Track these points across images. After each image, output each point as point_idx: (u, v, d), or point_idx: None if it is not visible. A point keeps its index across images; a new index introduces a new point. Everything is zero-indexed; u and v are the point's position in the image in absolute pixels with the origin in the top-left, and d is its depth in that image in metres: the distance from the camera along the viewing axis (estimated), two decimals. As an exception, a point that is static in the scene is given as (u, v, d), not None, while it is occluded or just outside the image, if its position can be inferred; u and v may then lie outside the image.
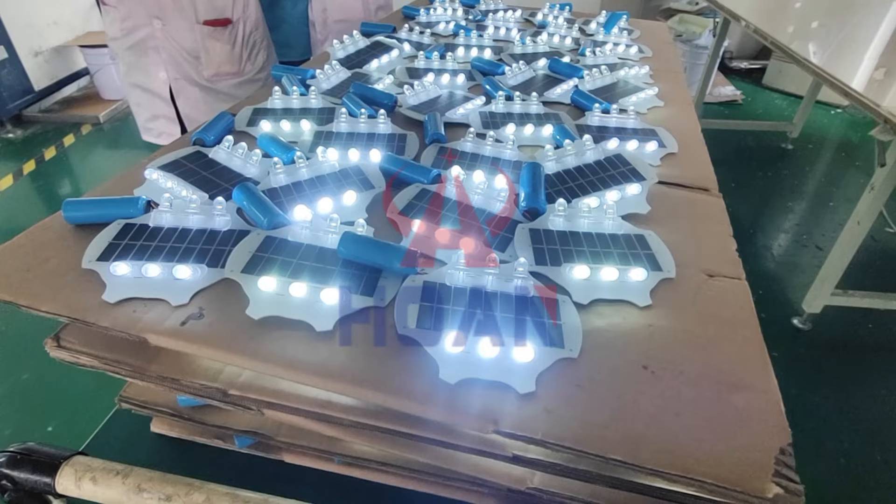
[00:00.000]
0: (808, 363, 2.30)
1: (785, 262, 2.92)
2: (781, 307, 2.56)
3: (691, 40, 4.04)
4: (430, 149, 0.98)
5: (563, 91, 1.23)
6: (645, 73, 1.35)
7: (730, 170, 3.60)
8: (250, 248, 0.71)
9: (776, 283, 2.75)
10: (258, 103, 1.11)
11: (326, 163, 0.89)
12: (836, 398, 2.12)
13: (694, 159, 1.02)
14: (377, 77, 1.25)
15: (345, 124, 1.02)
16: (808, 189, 3.47)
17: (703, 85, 3.73)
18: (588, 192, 0.87)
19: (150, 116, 1.68)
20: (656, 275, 0.72)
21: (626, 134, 1.05)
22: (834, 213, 3.32)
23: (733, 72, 4.79)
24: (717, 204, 0.90)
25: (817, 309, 2.43)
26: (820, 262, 2.40)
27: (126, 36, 1.51)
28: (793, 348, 2.36)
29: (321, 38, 1.85)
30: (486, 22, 1.68)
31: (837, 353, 2.36)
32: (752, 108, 4.35)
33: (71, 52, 4.20)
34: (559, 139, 1.01)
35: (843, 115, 4.28)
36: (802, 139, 3.89)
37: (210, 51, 1.55)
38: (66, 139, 3.89)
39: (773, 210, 3.29)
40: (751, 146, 3.86)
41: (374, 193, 0.85)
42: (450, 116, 1.09)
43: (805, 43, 2.55)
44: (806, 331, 2.47)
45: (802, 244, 3.08)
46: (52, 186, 3.42)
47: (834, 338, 2.44)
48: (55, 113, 4.09)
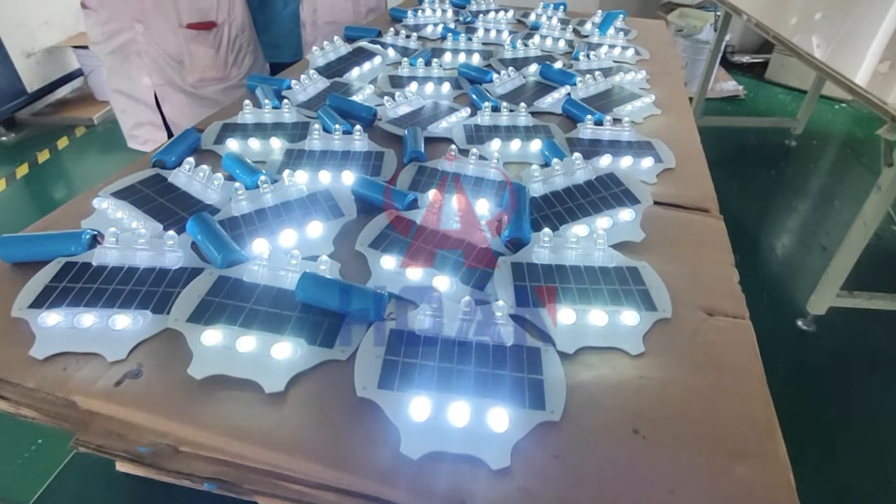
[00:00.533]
0: (812, 367, 2.22)
1: (789, 263, 2.83)
2: (785, 309, 2.48)
3: (692, 35, 3.94)
4: (409, 168, 0.90)
5: (555, 100, 1.15)
6: (641, 78, 1.27)
7: (732, 168, 3.50)
8: (200, 292, 0.64)
9: (780, 284, 2.67)
10: (228, 117, 1.03)
11: (294, 187, 0.81)
12: (842, 403, 2.04)
13: (693, 175, 0.94)
14: (358, 87, 1.17)
15: (318, 141, 0.94)
16: (812, 187, 3.38)
17: (704, 81, 3.63)
18: (577, 217, 0.79)
19: (135, 123, 1.61)
20: (650, 316, 0.64)
21: (620, 148, 0.97)
22: (839, 212, 3.23)
23: (735, 66, 4.67)
24: (718, 227, 0.82)
25: (822, 311, 2.35)
26: (824, 263, 2.31)
27: (108, 40, 1.43)
28: (797, 351, 2.28)
29: (311, 39, 1.79)
30: (477, 24, 1.60)
31: (843, 356, 2.27)
32: (754, 104, 4.24)
33: (64, 53, 4.12)
34: (548, 156, 0.93)
35: (847, 109, 4.17)
36: (806, 135, 3.79)
37: (194, 55, 1.47)
38: (59, 142, 3.82)
39: (776, 209, 3.20)
40: (753, 143, 3.76)
41: (344, 222, 0.78)
42: (432, 130, 1.02)
43: (808, 36, 2.46)
44: (810, 333, 2.39)
45: (807, 244, 3.00)
46: (46, 191, 3.35)
47: (839, 340, 2.36)
48: (48, 115, 4.02)
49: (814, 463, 1.78)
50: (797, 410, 1.94)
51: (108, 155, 3.86)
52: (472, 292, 0.67)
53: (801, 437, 1.81)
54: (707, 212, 0.85)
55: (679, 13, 4.11)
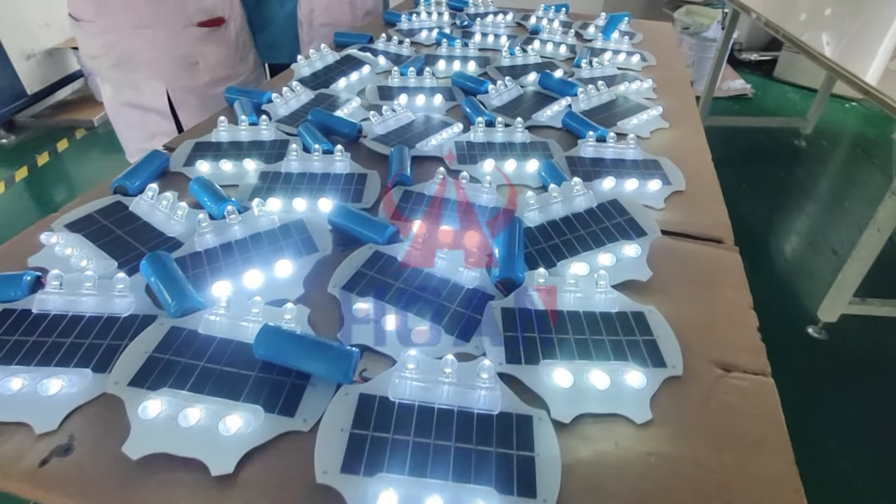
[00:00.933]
0: (824, 376, 2.12)
1: (798, 268, 2.73)
2: (795, 315, 2.38)
3: (699, 33, 3.83)
4: (393, 193, 0.81)
5: (554, 113, 1.06)
6: (648, 87, 1.17)
7: (740, 169, 3.40)
8: (147, 347, 0.56)
9: (789, 289, 2.57)
10: (201, 135, 0.95)
11: (265, 217, 0.73)
12: (855, 415, 1.94)
13: (705, 198, 0.85)
14: (345, 99, 1.08)
15: (296, 163, 0.86)
16: (822, 189, 3.27)
17: (711, 80, 3.52)
18: (577, 252, 0.70)
19: (147, 136, 1.51)
20: (658, 374, 0.56)
21: (624, 168, 0.89)
22: (850, 214, 3.13)
23: (743, 64, 4.55)
24: (733, 261, 0.73)
25: (833, 318, 2.26)
26: (835, 267, 2.21)
27: (109, 52, 1.33)
28: (808, 360, 2.18)
29: (308, 39, 1.72)
30: (474, 28, 1.51)
31: (856, 365, 2.18)
32: (762, 103, 4.12)
33: (64, 55, 4.06)
34: (545, 178, 0.84)
35: (858, 108, 4.05)
36: (816, 135, 3.68)
37: (207, 54, 1.39)
38: (59, 144, 3.76)
39: (786, 211, 3.10)
40: (762, 144, 3.65)
41: (318, 259, 0.69)
42: (421, 149, 0.93)
43: (817, 33, 2.38)
44: (821, 340, 2.29)
45: (817, 248, 2.90)
46: (46, 194, 3.29)
47: (852, 348, 2.26)
48: (48, 117, 3.95)
49: (823, 479, 1.69)
50: (809, 425, 1.84)
51: (108, 157, 3.80)
52: (455, 343, 0.59)
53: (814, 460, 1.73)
54: (721, 242, 0.76)
55: (686, 10, 4.00)
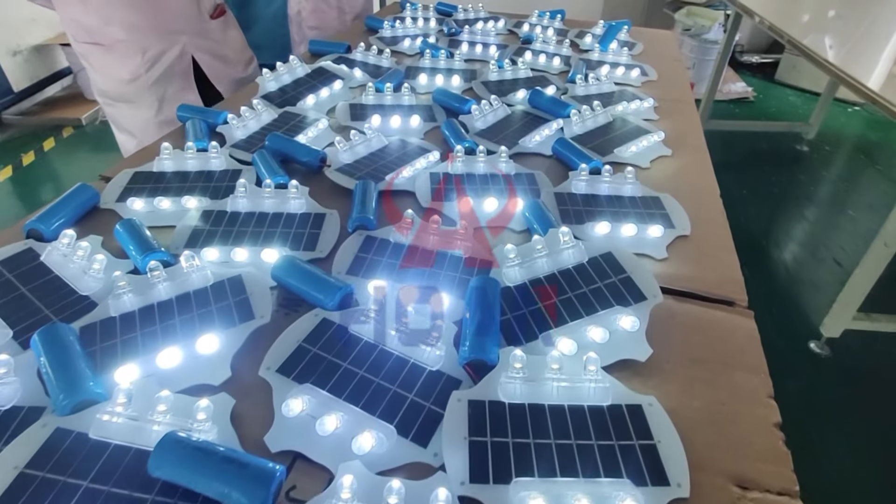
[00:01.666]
0: (826, 394, 2.00)
1: (800, 279, 2.61)
2: (797, 329, 2.26)
3: (700, 34, 3.69)
4: (353, 240, 0.69)
5: (544, 138, 0.94)
6: (648, 107, 1.05)
7: (741, 174, 3.27)
8: (17, 461, 0.44)
9: (790, 301, 2.45)
10: (142, 162, 0.83)
11: (196, 272, 0.61)
12: (858, 434, 1.83)
13: (713, 245, 0.73)
14: (312, 119, 0.96)
15: (244, 200, 0.73)
16: (824, 196, 3.15)
17: (713, 83, 3.38)
18: (564, 321, 0.58)
19: None
20: (660, 495, 0.44)
21: (621, 208, 0.76)
22: (853, 222, 3.00)
23: (744, 66, 4.41)
24: (747, 330, 0.61)
25: (836, 333, 2.15)
26: (838, 279, 2.09)
27: (152, 68, 1.21)
28: (810, 376, 2.07)
29: (298, 39, 1.63)
30: (462, 36, 1.38)
31: (859, 383, 2.06)
32: (764, 106, 3.99)
33: (52, 51, 3.92)
34: (530, 221, 0.72)
35: (860, 112, 3.92)
36: (818, 140, 3.55)
37: (231, 42, 1.33)
38: (45, 143, 3.63)
39: (787, 219, 2.98)
40: (764, 148, 3.52)
41: (254, 328, 0.57)
42: (390, 181, 0.81)
43: (820, 36, 2.28)
44: (824, 356, 2.18)
45: (819, 258, 2.78)
46: (31, 195, 3.17)
47: (855, 365, 2.14)
48: (35, 115, 3.82)
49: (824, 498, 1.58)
50: (809, 442, 1.73)
51: (97, 156, 3.67)
52: (408, 449, 0.47)
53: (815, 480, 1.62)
54: (732, 305, 0.64)
55: (686, 11, 3.86)
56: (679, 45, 3.63)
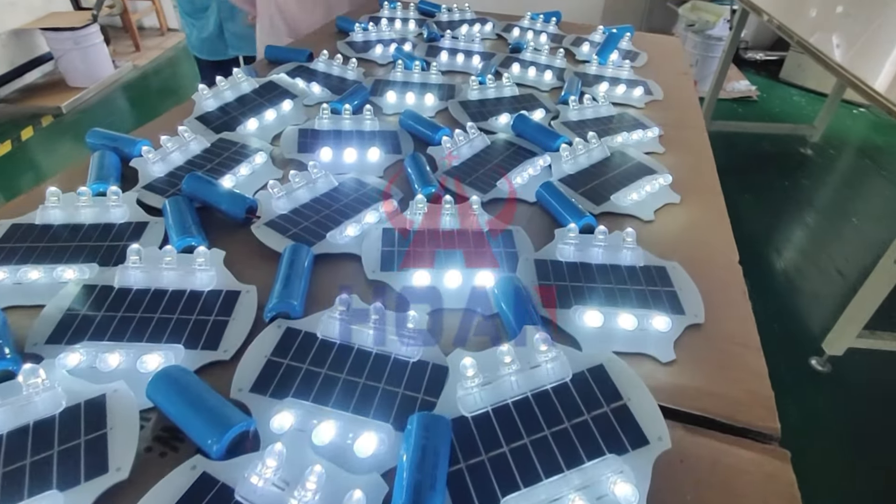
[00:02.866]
0: (827, 413, 1.86)
1: (801, 290, 2.45)
2: (797, 344, 2.11)
3: (704, 30, 3.48)
4: (268, 334, 0.52)
5: (527, 179, 0.76)
6: (653, 137, 0.87)
7: (743, 178, 3.10)
8: None
9: (791, 314, 2.30)
10: (25, 211, 0.65)
11: (42, 393, 0.44)
12: (861, 458, 1.69)
13: (733, 341, 0.56)
14: (253, 149, 0.78)
15: (136, 273, 0.56)
16: (828, 202, 2.98)
17: (717, 81, 3.18)
18: (535, 478, 0.41)
19: None
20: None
21: (618, 283, 0.59)
22: (858, 231, 2.84)
23: (748, 64, 4.20)
24: (782, 480, 0.44)
25: (840, 351, 2.01)
26: (840, 291, 1.95)
27: None
28: (810, 395, 1.92)
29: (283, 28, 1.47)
30: (443, 42, 1.19)
31: (863, 403, 1.91)
32: (768, 106, 3.79)
33: (31, 36, 3.71)
34: (500, 306, 0.55)
35: (866, 114, 3.73)
36: (823, 143, 3.38)
37: None
38: (23, 132, 3.44)
39: (789, 227, 2.81)
40: (767, 151, 3.34)
41: (108, 485, 0.40)
42: (332, 241, 0.63)
43: (827, 34, 2.13)
44: (825, 374, 2.03)
45: (821, 268, 2.62)
46: (6, 188, 2.98)
47: (859, 384, 2.00)
48: (13, 103, 3.62)
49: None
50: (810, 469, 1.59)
51: (77, 146, 3.50)
52: None
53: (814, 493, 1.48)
54: (766, 442, 0.47)
55: (691, 6, 3.64)
56: (683, 41, 3.42)
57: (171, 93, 3.90)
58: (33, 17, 3.68)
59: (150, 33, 4.65)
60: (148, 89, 3.99)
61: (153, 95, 3.97)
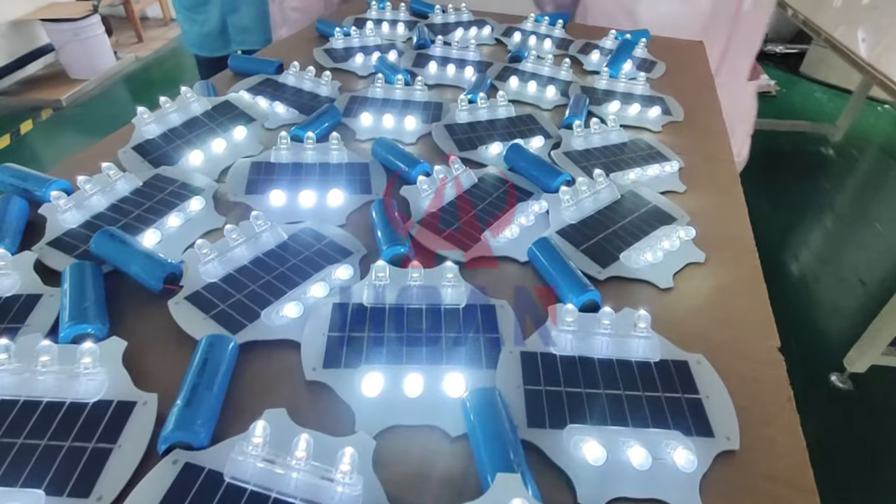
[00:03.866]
0: (847, 433, 1.73)
1: (821, 300, 2.30)
2: (815, 358, 1.98)
3: (723, 23, 3.27)
4: (158, 474, 0.38)
5: (517, 233, 0.61)
6: (672, 173, 0.72)
7: (761, 179, 2.92)
8: None
9: (809, 327, 2.16)
10: None
11: None
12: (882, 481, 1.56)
13: (779, 478, 0.41)
14: (196, 188, 0.64)
15: (5, 376, 0.43)
16: (850, 206, 2.81)
17: (734, 78, 2.99)
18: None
19: None
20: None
21: (627, 389, 0.45)
22: (881, 238, 2.67)
23: (767, 57, 3.97)
24: None
25: (862, 368, 1.88)
26: (863, 301, 1.83)
27: None
28: (828, 413, 1.79)
29: (279, 20, 1.42)
30: (433, 49, 1.03)
31: (886, 423, 1.78)
32: (787, 102, 3.59)
33: (31, 27, 3.59)
34: (467, 419, 0.41)
35: (891, 112, 3.51)
36: (845, 142, 3.18)
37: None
38: (23, 126, 3.33)
39: (809, 232, 2.65)
40: (786, 150, 3.15)
41: None
42: (267, 322, 0.49)
43: (853, 27, 2.00)
44: (846, 391, 1.90)
45: (842, 277, 2.47)
46: (2, 183, 2.88)
47: (883, 403, 1.86)
48: (13, 95, 3.50)
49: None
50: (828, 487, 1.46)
51: (78, 139, 3.39)
52: None
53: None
54: None
55: (709, -3, 3.42)
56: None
57: (173, 85, 3.77)
58: (33, 7, 3.56)
59: (153, 23, 4.51)
60: (150, 81, 3.86)
61: (156, 87, 3.85)
